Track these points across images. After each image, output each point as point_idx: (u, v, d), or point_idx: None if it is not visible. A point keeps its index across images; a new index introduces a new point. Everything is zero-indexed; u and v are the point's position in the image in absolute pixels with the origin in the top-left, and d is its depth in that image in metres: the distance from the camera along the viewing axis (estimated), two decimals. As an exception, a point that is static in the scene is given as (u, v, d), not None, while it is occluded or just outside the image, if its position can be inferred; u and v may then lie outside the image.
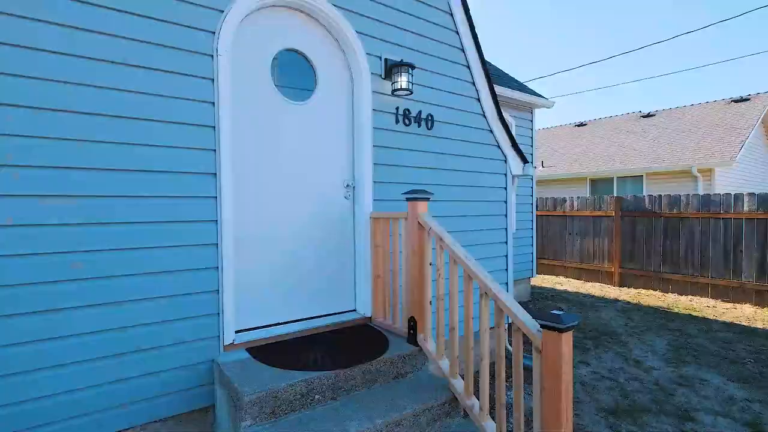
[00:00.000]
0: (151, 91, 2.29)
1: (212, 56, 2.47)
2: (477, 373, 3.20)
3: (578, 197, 9.09)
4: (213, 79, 2.47)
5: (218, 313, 2.49)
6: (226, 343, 2.51)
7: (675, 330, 5.51)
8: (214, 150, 2.47)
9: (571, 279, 9.12)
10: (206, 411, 2.45)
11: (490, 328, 3.61)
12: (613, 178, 13.51)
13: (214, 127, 2.47)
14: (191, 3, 2.40)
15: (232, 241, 2.56)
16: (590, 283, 8.69)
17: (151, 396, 2.28)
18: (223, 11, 2.51)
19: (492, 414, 2.33)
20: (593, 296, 7.54)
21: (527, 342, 2.19)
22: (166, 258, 2.33)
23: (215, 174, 2.48)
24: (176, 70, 2.36)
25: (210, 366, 2.45)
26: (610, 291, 7.95)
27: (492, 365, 3.47)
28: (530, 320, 2.00)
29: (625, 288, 8.19)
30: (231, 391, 2.16)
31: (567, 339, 1.86)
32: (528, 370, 3.55)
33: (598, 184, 13.94)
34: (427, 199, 2.71)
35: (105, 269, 2.17)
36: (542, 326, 1.87)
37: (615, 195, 9.34)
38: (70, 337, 2.08)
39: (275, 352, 2.54)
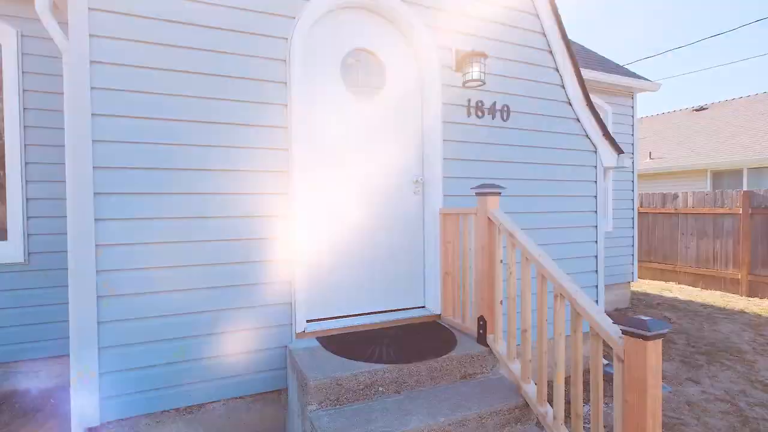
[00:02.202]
0: (236, 98, 2.51)
1: (285, 60, 2.63)
2: (550, 383, 2.96)
3: (693, 192, 7.92)
4: (285, 83, 2.63)
5: (290, 303, 2.65)
6: (298, 331, 2.65)
7: (824, 351, 4.51)
8: (286, 149, 2.63)
9: (683, 285, 7.98)
10: (280, 393, 2.63)
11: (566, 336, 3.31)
12: (742, 169, 11.46)
13: (286, 127, 2.63)
14: (265, 12, 2.58)
15: (303, 235, 2.70)
16: (708, 291, 7.51)
17: (233, 374, 2.50)
18: (294, 18, 2.65)
19: (567, 424, 2.13)
20: (711, 306, 6.49)
21: (607, 347, 1.97)
22: (245, 250, 2.54)
23: (287, 172, 2.63)
24: (255, 77, 2.55)
25: (283, 352, 2.61)
26: (736, 301, 6.78)
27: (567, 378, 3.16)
28: (611, 325, 1.80)
29: (755, 298, 6.92)
30: (300, 376, 2.28)
31: (654, 348, 1.64)
32: (608, 380, 3.16)
33: (723, 177, 11.93)
34: (498, 194, 2.58)
35: (201, 257, 2.44)
36: (624, 332, 1.68)
37: (744, 189, 7.94)
38: (166, 316, 2.37)
39: (343, 343, 2.62)
